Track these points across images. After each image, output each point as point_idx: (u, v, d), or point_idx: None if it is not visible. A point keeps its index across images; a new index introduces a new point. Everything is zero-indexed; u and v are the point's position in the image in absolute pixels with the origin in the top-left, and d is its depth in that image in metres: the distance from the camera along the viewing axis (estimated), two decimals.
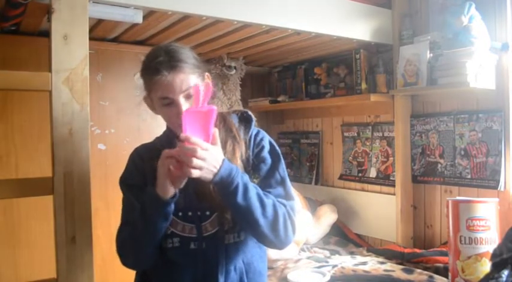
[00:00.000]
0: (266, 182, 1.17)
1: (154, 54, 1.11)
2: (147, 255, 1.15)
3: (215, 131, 1.05)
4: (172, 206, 1.08)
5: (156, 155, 1.18)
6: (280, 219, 1.11)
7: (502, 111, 1.93)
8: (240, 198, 1.05)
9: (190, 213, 1.14)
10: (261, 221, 1.08)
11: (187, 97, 1.10)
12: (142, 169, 1.19)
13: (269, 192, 1.15)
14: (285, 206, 1.15)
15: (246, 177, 1.09)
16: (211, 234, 1.14)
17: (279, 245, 1.16)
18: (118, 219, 1.18)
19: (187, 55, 1.12)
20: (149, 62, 1.11)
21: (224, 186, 1.04)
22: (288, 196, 1.18)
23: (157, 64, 1.07)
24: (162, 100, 1.10)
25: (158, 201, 1.05)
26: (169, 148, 1.16)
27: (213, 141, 1.04)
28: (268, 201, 1.10)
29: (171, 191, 1.04)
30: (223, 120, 1.21)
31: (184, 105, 1.09)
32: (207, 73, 1.18)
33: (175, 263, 1.15)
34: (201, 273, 1.13)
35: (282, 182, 1.19)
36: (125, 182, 1.21)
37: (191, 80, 1.10)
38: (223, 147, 1.14)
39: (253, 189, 1.08)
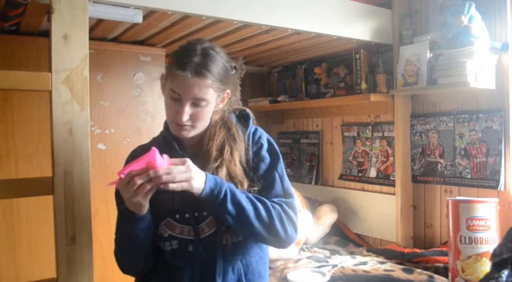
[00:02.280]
0: (265, 181, 1.17)
1: (192, 48, 1.11)
2: (139, 261, 1.16)
3: (186, 159, 1.04)
4: (150, 216, 1.09)
5: None
6: (276, 220, 1.11)
7: (502, 111, 1.93)
8: (229, 205, 1.06)
9: (187, 215, 1.14)
10: (256, 224, 1.08)
11: (195, 104, 1.10)
12: None
13: (268, 191, 1.15)
14: (281, 205, 1.14)
15: (232, 185, 1.09)
16: (208, 235, 1.13)
17: (281, 244, 1.16)
18: None
19: (220, 66, 1.12)
20: (183, 53, 1.11)
21: (213, 197, 1.05)
22: (286, 194, 1.18)
23: (188, 62, 1.07)
24: (172, 92, 1.11)
25: (133, 218, 1.06)
26: (166, 149, 1.17)
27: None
28: (260, 203, 1.10)
29: (144, 208, 1.05)
30: (222, 120, 1.21)
31: (189, 108, 1.10)
32: (228, 90, 1.19)
33: (174, 265, 1.15)
34: (199, 274, 1.13)
35: (281, 180, 1.18)
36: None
37: (209, 94, 1.10)
38: (221, 153, 1.14)
39: (242, 194, 1.09)
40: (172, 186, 0.99)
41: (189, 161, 1.03)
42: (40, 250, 2.00)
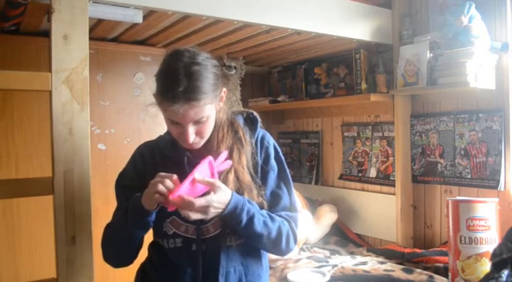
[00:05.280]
0: (273, 194, 1.19)
1: (175, 73, 1.04)
2: (125, 256, 1.17)
3: (215, 181, 1.05)
4: (154, 216, 1.09)
5: (158, 153, 1.19)
6: (283, 239, 1.15)
7: (502, 111, 1.93)
8: (243, 229, 1.08)
9: None
10: (264, 241, 1.12)
11: (197, 123, 1.08)
12: (143, 168, 1.19)
13: (277, 202, 1.18)
14: (289, 222, 1.17)
15: (253, 209, 1.10)
16: (214, 236, 1.14)
17: (280, 255, 1.22)
18: None
19: (208, 78, 1.07)
20: (167, 83, 1.05)
21: (229, 220, 1.08)
22: (292, 208, 1.20)
23: (175, 94, 1.02)
24: (170, 119, 1.09)
25: (141, 211, 1.05)
26: (172, 147, 1.17)
27: (214, 189, 1.04)
28: (274, 225, 1.13)
29: (156, 206, 1.06)
30: (230, 122, 1.20)
31: (192, 128, 1.08)
32: (224, 89, 1.16)
33: (176, 264, 1.15)
34: (201, 274, 1.13)
35: (288, 193, 1.21)
36: (121, 183, 1.22)
37: (206, 110, 1.07)
38: (230, 156, 1.14)
39: (259, 219, 1.10)
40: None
41: (211, 198, 1.02)
42: (40, 250, 2.00)
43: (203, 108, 1.06)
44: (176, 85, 1.03)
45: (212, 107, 1.10)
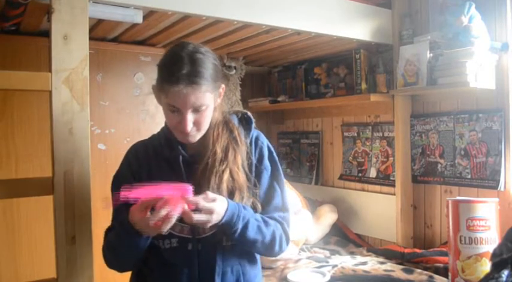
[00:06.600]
0: (267, 193, 1.20)
1: (178, 58, 1.08)
2: (128, 263, 1.17)
3: (208, 192, 1.06)
4: None
5: (152, 153, 1.19)
6: (277, 242, 1.17)
7: (502, 111, 1.93)
8: (238, 235, 1.10)
9: None
10: (259, 246, 1.15)
11: (196, 111, 1.10)
12: (137, 168, 1.20)
13: (269, 202, 1.20)
14: (282, 224, 1.19)
15: (248, 215, 1.11)
16: (208, 236, 1.14)
17: (273, 256, 1.27)
18: None
19: (210, 68, 1.10)
20: (171, 66, 1.08)
21: (226, 227, 1.09)
22: (284, 208, 1.22)
23: (179, 76, 1.05)
24: (169, 106, 1.09)
25: (133, 233, 1.05)
26: (167, 146, 1.17)
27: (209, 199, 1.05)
28: (268, 230, 1.15)
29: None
30: (225, 122, 1.21)
31: (190, 115, 1.09)
32: (223, 85, 1.18)
33: (173, 264, 1.15)
34: (197, 274, 1.14)
35: (281, 193, 1.22)
36: (117, 185, 1.21)
37: (206, 98, 1.09)
38: (226, 156, 1.15)
39: (254, 224, 1.12)
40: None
41: (214, 204, 1.04)
42: (40, 250, 2.00)
43: (204, 94, 1.08)
44: (180, 68, 1.06)
45: (211, 97, 1.12)
